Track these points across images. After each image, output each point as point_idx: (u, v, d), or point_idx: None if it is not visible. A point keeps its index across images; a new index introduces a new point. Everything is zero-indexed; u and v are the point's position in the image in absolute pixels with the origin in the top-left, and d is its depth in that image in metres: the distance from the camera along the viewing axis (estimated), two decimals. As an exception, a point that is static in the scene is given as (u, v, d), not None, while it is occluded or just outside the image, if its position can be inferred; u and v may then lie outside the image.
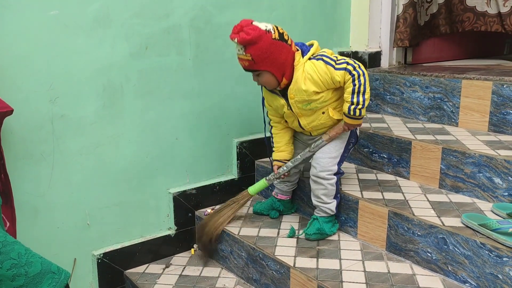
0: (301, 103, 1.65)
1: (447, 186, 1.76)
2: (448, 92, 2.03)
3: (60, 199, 1.70)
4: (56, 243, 1.71)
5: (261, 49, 1.53)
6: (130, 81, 1.79)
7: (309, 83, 1.61)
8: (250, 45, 1.52)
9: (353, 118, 1.63)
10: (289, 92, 1.64)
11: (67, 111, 1.66)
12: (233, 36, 1.53)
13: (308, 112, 1.67)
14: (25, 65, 1.55)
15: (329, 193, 1.71)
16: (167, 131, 1.92)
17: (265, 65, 1.57)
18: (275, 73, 1.59)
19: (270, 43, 1.54)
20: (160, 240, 1.97)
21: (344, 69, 1.57)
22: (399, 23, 2.34)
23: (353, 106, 1.60)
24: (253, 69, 1.60)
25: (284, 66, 1.59)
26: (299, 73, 1.61)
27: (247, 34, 1.50)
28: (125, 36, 1.74)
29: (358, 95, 1.58)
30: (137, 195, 1.89)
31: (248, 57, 1.54)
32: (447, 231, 1.45)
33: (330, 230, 1.73)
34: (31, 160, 1.61)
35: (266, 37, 1.53)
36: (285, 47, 1.58)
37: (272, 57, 1.55)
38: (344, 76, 1.58)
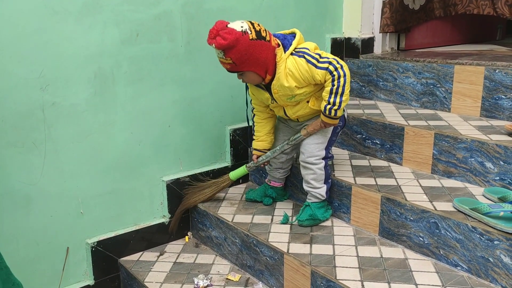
0: (285, 97, 1.66)
1: (439, 171, 1.77)
2: (441, 77, 2.04)
3: (53, 188, 1.69)
4: (50, 231, 1.71)
5: (240, 52, 1.52)
6: (121, 68, 1.77)
7: (290, 80, 1.60)
8: (229, 50, 1.51)
9: (328, 117, 1.64)
10: (273, 87, 1.64)
11: (58, 98, 1.64)
12: (210, 42, 1.52)
13: (293, 102, 1.68)
14: (14, 52, 1.53)
15: (318, 178, 1.72)
16: (159, 119, 1.91)
17: (247, 66, 1.57)
18: (258, 71, 1.60)
19: (248, 45, 1.52)
20: (154, 228, 1.97)
21: (325, 69, 1.56)
22: (386, 8, 2.33)
23: (329, 106, 1.60)
24: (236, 71, 1.61)
25: (266, 63, 1.58)
26: (281, 69, 1.60)
27: (224, 39, 1.49)
28: (116, 23, 1.72)
29: (335, 96, 1.58)
30: (130, 183, 1.88)
31: (228, 60, 1.54)
32: (439, 216, 1.47)
33: (322, 216, 1.74)
34: (23, 148, 1.60)
35: (243, 39, 1.51)
36: (264, 45, 1.56)
37: (253, 58, 1.55)
38: (325, 75, 1.57)
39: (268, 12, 2.15)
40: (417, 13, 2.47)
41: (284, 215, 1.78)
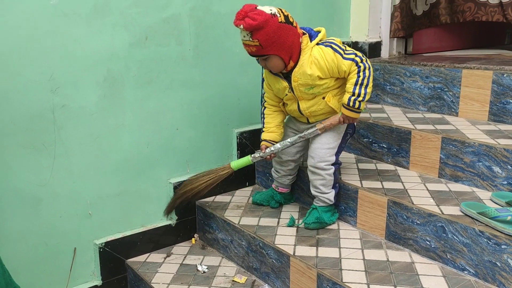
0: (303, 87, 1.64)
1: (446, 176, 1.77)
2: (448, 81, 2.03)
3: (62, 189, 1.71)
4: (58, 232, 1.73)
5: (269, 34, 1.51)
6: (130, 71, 1.79)
7: (314, 68, 1.60)
8: (257, 31, 1.50)
9: (351, 110, 1.62)
10: (293, 75, 1.63)
11: (68, 101, 1.66)
12: (238, 23, 1.50)
13: (309, 96, 1.67)
14: (25, 54, 1.55)
15: (327, 183, 1.71)
16: (167, 121, 1.93)
17: (273, 49, 1.55)
18: (283, 56, 1.58)
19: (277, 27, 1.52)
20: (161, 229, 1.98)
21: (352, 60, 1.58)
22: (397, 13, 2.34)
23: (353, 97, 1.59)
24: (260, 54, 1.57)
25: (292, 48, 1.58)
26: (306, 57, 1.60)
27: (253, 19, 1.48)
28: (125, 26, 1.74)
29: (360, 87, 1.58)
30: (138, 185, 1.90)
31: (255, 43, 1.52)
32: (446, 220, 1.46)
33: (329, 219, 1.75)
34: (33, 149, 1.62)
35: (272, 21, 1.51)
36: (291, 30, 1.56)
37: (280, 41, 1.54)
38: (351, 66, 1.58)
39: (275, 16, 2.16)
40: (419, 19, 2.47)
41: (291, 217, 1.79)
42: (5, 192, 1.59)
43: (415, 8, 2.43)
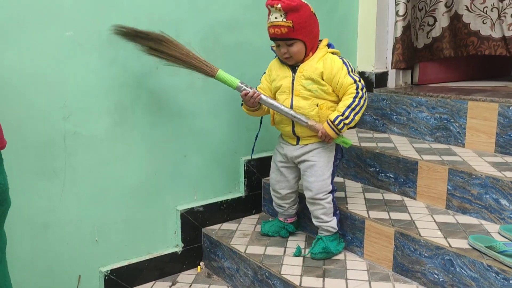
0: (305, 80, 1.66)
1: (454, 207, 1.77)
2: (454, 113, 2.05)
3: (70, 215, 1.72)
4: (65, 258, 1.73)
5: (302, 18, 1.58)
6: (141, 99, 1.82)
7: (321, 65, 1.65)
8: (293, 12, 1.56)
9: (333, 129, 1.63)
10: (301, 66, 1.67)
11: (79, 128, 1.69)
12: (275, 2, 1.55)
13: (306, 93, 1.67)
14: (40, 83, 1.59)
15: (328, 212, 1.72)
16: (175, 149, 1.95)
17: (302, 34, 1.60)
18: (308, 44, 1.64)
19: (309, 15, 1.61)
20: (167, 257, 1.97)
21: (355, 81, 1.62)
22: (398, 44, 2.37)
23: (341, 117, 1.62)
24: (289, 37, 1.60)
25: (315, 39, 1.67)
26: (320, 54, 1.67)
27: (291, 0, 1.54)
28: (137, 56, 1.78)
29: (351, 111, 1.61)
30: (145, 212, 1.91)
31: (289, 23, 1.56)
32: (454, 253, 1.46)
33: (335, 249, 1.74)
34: (43, 176, 1.64)
35: (306, 7, 1.60)
36: (317, 22, 1.67)
37: (310, 28, 1.62)
38: (351, 85, 1.62)
39: (283, 47, 2.21)
40: (420, 51, 2.51)
41: (297, 247, 1.78)
42: (14, 218, 1.60)
43: (416, 41, 2.47)
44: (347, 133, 2.39)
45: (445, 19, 2.46)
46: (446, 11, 2.44)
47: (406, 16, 2.36)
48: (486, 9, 2.35)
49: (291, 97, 1.69)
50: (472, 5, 2.38)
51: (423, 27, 2.49)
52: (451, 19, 2.45)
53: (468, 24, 2.42)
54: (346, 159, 2.17)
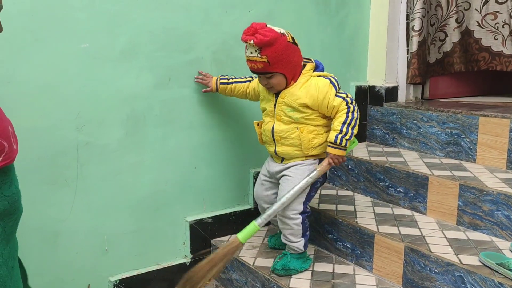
0: (286, 106, 1.64)
1: (464, 223, 1.75)
2: (466, 128, 2.04)
3: (81, 225, 1.74)
4: (74, 268, 1.74)
5: (278, 51, 1.53)
6: (153, 110, 1.84)
7: (304, 94, 1.61)
8: (267, 47, 1.52)
9: (338, 148, 1.61)
10: (283, 92, 1.64)
11: (92, 138, 1.71)
12: (248, 38, 1.52)
13: (286, 119, 1.65)
14: (55, 94, 1.62)
15: (296, 233, 1.69)
16: (186, 160, 1.96)
17: (279, 67, 1.57)
18: (287, 75, 1.60)
19: (286, 46, 1.55)
20: (176, 268, 1.98)
21: (343, 98, 1.61)
22: (414, 59, 2.38)
23: (340, 134, 1.59)
24: (266, 72, 1.58)
25: (295, 68, 1.61)
26: (302, 81, 1.62)
27: (264, 35, 1.50)
28: (150, 68, 1.81)
29: (348, 126, 1.60)
30: (154, 222, 1.92)
31: (264, 59, 1.53)
32: (464, 270, 1.44)
33: (300, 267, 1.73)
34: (56, 185, 1.66)
35: (281, 39, 1.54)
36: (297, 50, 1.61)
37: (287, 59, 1.57)
38: (341, 104, 1.60)
39: (294, 60, 2.23)
40: (432, 66, 2.51)
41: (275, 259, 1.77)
42: (26, 227, 1.61)
43: (428, 56, 2.47)
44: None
45: (456, 34, 2.46)
46: (457, 26, 2.45)
47: (421, 31, 2.36)
48: (497, 25, 2.36)
49: (273, 120, 1.69)
50: (484, 21, 2.39)
51: (435, 42, 2.49)
52: (461, 34, 2.46)
53: (480, 39, 2.42)
54: (355, 172, 2.17)
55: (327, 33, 2.33)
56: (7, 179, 1.05)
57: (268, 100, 1.71)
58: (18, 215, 1.13)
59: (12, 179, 1.08)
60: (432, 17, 2.46)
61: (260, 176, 1.86)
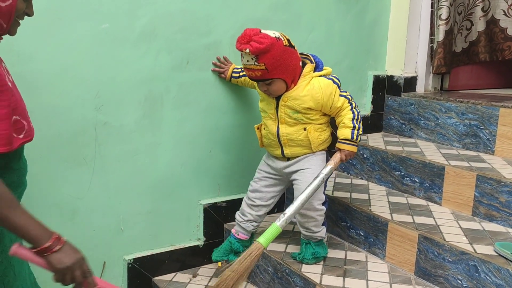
0: (289, 110, 1.61)
1: (480, 214, 1.73)
2: (485, 119, 2.01)
3: (98, 203, 1.77)
4: (91, 245, 1.78)
5: (275, 57, 1.49)
6: (170, 93, 1.86)
7: (308, 97, 1.58)
8: (264, 54, 1.47)
9: (353, 144, 1.61)
10: (284, 95, 1.60)
11: (110, 118, 1.74)
12: (243, 47, 1.47)
13: (292, 121, 1.63)
14: (75, 74, 1.64)
15: (319, 223, 1.69)
16: (202, 143, 1.98)
17: (278, 73, 1.53)
18: (287, 79, 1.57)
19: (282, 50, 1.50)
20: (189, 250, 2.00)
21: (345, 97, 1.62)
22: (440, 49, 2.35)
23: (355, 130, 1.60)
24: (265, 79, 1.55)
25: (294, 71, 1.58)
26: (304, 83, 1.59)
27: (259, 43, 1.45)
28: (168, 50, 1.82)
29: (357, 121, 1.61)
30: (169, 204, 1.94)
31: (261, 66, 1.49)
32: (479, 259, 1.43)
33: (325, 252, 1.73)
34: (74, 163, 1.69)
35: (278, 44, 1.49)
36: (294, 53, 1.56)
37: (285, 64, 1.52)
38: (344, 103, 1.61)
39: (312, 47, 2.21)
40: (459, 56, 2.48)
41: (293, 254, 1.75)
42: (45, 202, 1.66)
43: (454, 45, 2.44)
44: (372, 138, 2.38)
45: (481, 23, 2.43)
46: (482, 15, 2.41)
47: (449, 20, 2.33)
48: (523, 15, 2.31)
49: (277, 124, 1.66)
50: (510, 10, 2.34)
51: (462, 31, 2.46)
52: (487, 23, 2.42)
53: (505, 29, 2.38)
54: (370, 162, 2.16)
55: (347, 21, 2.31)
56: (17, 154, 1.08)
57: (268, 103, 1.66)
58: (23, 189, 1.15)
59: (21, 153, 1.12)
60: (459, 5, 2.42)
61: (260, 172, 1.80)
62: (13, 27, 1.06)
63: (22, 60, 1.54)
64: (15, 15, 1.03)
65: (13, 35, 1.09)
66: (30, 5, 1.08)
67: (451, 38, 2.38)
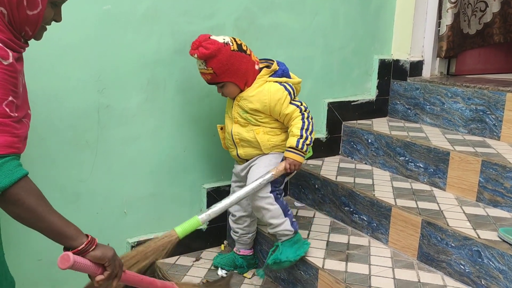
0: (240, 109, 1.65)
1: (484, 200, 1.72)
2: (491, 105, 1.99)
3: (101, 186, 1.77)
4: (95, 228, 1.77)
5: (222, 62, 1.55)
6: (173, 76, 1.84)
7: (256, 99, 1.60)
8: (211, 59, 1.54)
9: (298, 154, 1.58)
10: (239, 95, 1.64)
11: (113, 102, 1.73)
12: (192, 52, 1.56)
13: (242, 121, 1.66)
14: (76, 56, 1.63)
15: (275, 214, 1.61)
16: (205, 128, 1.97)
17: (227, 77, 1.59)
18: (238, 83, 1.61)
19: (230, 55, 1.56)
20: (192, 233, 1.96)
21: (297, 106, 1.60)
22: (449, 32, 2.31)
23: (302, 139, 1.57)
24: (216, 82, 1.62)
25: (246, 75, 1.61)
26: (256, 85, 1.62)
27: (206, 48, 1.53)
28: (171, 33, 1.80)
29: (306, 131, 1.58)
30: (172, 188, 1.94)
31: (209, 70, 1.57)
32: (482, 244, 1.42)
33: (294, 255, 1.59)
34: (77, 146, 1.69)
35: (225, 49, 1.55)
36: (244, 57, 1.60)
37: (233, 68, 1.57)
38: (294, 112, 1.59)
39: (317, 30, 2.19)
40: (472, 38, 2.44)
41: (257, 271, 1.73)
42: (48, 185, 1.66)
43: (467, 27, 2.40)
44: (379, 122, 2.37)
45: (496, 4, 2.40)
46: (497, -4, 2.38)
47: (457, 3, 2.29)
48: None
49: (231, 124, 1.69)
50: (524, -10, 2.31)
51: (476, 13, 2.42)
52: (502, 4, 2.39)
53: (520, 10, 2.35)
54: (375, 147, 2.14)
55: (352, 4, 2.28)
56: None
57: (229, 104, 1.72)
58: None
59: None
60: None
61: (231, 185, 1.85)
62: (39, 32, 1.07)
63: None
64: (43, 23, 1.03)
65: (38, 40, 1.10)
66: (58, 12, 1.09)
67: (459, 21, 2.34)
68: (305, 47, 2.17)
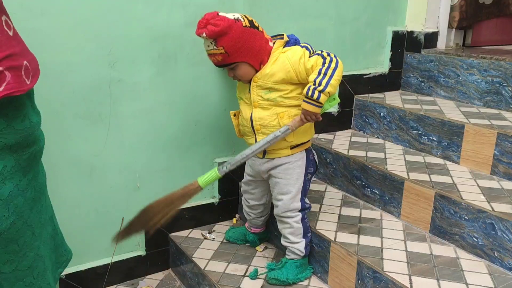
0: (262, 89, 1.52)
1: (499, 173, 1.70)
2: (508, 76, 1.94)
3: (114, 160, 1.78)
4: (108, 201, 1.81)
5: (234, 39, 1.42)
6: (184, 50, 1.83)
7: (277, 70, 1.49)
8: (221, 37, 1.41)
9: (310, 103, 1.42)
10: (255, 76, 1.52)
11: (124, 75, 1.72)
12: (200, 31, 1.43)
13: (265, 103, 1.53)
14: (88, 29, 1.62)
15: (296, 232, 1.59)
16: (216, 102, 1.96)
17: (240, 56, 1.46)
18: (252, 62, 1.49)
19: (242, 31, 1.43)
20: (204, 207, 2.03)
21: (318, 55, 1.46)
22: (462, 2, 2.25)
23: (312, 86, 1.41)
24: (228, 63, 1.48)
25: (260, 53, 1.49)
26: (273, 60, 1.50)
27: (215, 26, 1.40)
28: (182, 5, 1.77)
29: (323, 76, 1.40)
30: (184, 161, 1.95)
31: (220, 50, 1.43)
32: (496, 217, 1.42)
33: (295, 277, 1.58)
34: (90, 120, 1.70)
35: (236, 26, 1.42)
36: (258, 34, 1.48)
37: (247, 46, 1.44)
38: (317, 60, 1.45)
39: (329, 1, 2.14)
40: (489, 8, 2.37)
41: (254, 270, 1.68)
42: (63, 159, 1.68)
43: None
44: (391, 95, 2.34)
45: None
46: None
47: None
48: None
49: (251, 108, 1.57)
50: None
51: None
52: None
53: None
54: (387, 120, 2.12)
55: (366, -27, 2.22)
56: (19, 114, 1.03)
57: (243, 88, 1.59)
58: (36, 148, 1.11)
59: (26, 113, 1.06)
60: None
61: (245, 176, 1.77)
62: None
63: (35, 15, 1.52)
64: None
65: None
66: None
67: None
68: (317, 19, 2.13)
